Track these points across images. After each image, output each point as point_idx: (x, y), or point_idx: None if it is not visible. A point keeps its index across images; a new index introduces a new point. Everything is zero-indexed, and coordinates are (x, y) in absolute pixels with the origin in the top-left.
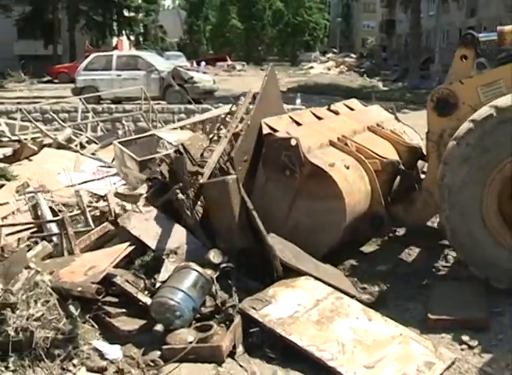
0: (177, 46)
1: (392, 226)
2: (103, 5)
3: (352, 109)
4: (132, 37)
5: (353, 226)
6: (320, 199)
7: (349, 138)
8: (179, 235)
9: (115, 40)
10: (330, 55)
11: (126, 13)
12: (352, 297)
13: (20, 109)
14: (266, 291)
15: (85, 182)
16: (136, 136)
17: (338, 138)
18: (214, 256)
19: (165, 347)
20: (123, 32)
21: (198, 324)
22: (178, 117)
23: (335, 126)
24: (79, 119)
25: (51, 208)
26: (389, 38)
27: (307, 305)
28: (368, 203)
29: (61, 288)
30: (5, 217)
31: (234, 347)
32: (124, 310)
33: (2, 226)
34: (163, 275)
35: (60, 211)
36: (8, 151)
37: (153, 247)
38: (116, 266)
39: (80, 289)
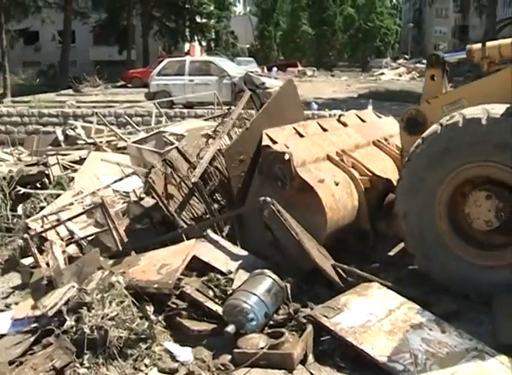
0: (248, 52)
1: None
2: (176, 11)
3: (363, 121)
4: (204, 43)
5: (336, 238)
6: (305, 211)
7: (347, 153)
8: (246, 258)
9: (187, 45)
10: (401, 60)
11: (198, 19)
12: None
13: (96, 113)
14: (338, 299)
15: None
16: (145, 135)
17: (336, 152)
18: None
19: (236, 351)
20: (195, 38)
21: (270, 330)
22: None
23: (337, 139)
24: (152, 123)
25: None
26: (462, 44)
27: (379, 315)
28: (354, 218)
29: (136, 287)
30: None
31: (305, 355)
32: (195, 311)
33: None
34: (236, 283)
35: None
36: (85, 153)
37: (224, 270)
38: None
39: (156, 286)
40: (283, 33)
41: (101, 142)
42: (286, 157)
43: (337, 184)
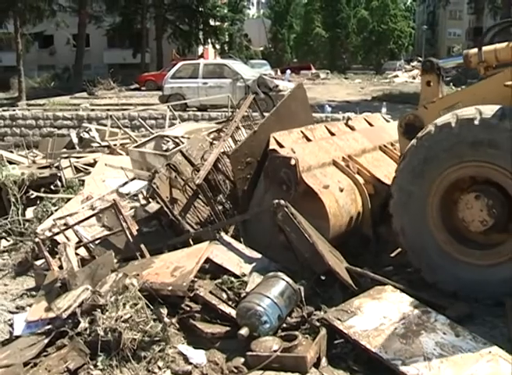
0: (261, 54)
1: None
2: (189, 14)
3: (371, 125)
4: (217, 46)
5: (339, 242)
6: (308, 216)
7: (353, 158)
8: (259, 261)
9: (200, 48)
10: (415, 63)
11: (211, 23)
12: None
13: (110, 116)
14: (351, 302)
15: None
16: (144, 140)
17: (342, 158)
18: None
19: (249, 353)
20: (209, 41)
21: (283, 333)
22: None
23: (344, 144)
24: (166, 126)
25: None
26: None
27: (393, 318)
28: (358, 224)
29: (150, 289)
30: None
31: (318, 358)
32: (208, 314)
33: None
34: (250, 286)
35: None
36: (99, 156)
37: (237, 272)
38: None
39: (170, 288)
40: (297, 36)
41: (115, 145)
42: (292, 162)
43: (342, 191)
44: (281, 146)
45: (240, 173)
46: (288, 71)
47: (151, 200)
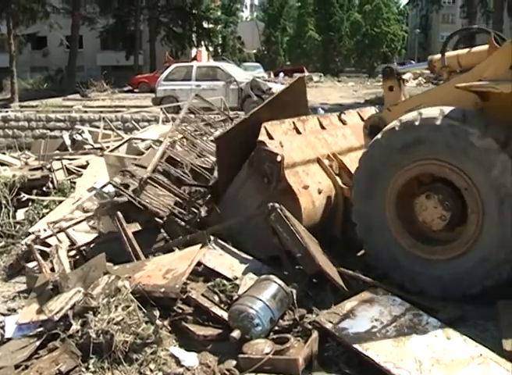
0: (255, 57)
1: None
2: (183, 17)
3: (363, 120)
4: (211, 48)
5: None
6: None
7: (337, 158)
8: (251, 264)
9: (194, 51)
10: None
11: (205, 25)
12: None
13: (103, 118)
14: (343, 305)
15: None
16: (117, 144)
17: (328, 156)
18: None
19: (241, 356)
20: (202, 43)
21: (275, 336)
22: None
23: (332, 140)
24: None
25: None
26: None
27: (385, 321)
28: (329, 225)
29: (142, 291)
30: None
31: (310, 361)
32: (200, 316)
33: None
34: (242, 288)
35: None
36: (91, 158)
37: (229, 276)
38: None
39: (163, 290)
40: (290, 39)
41: (107, 147)
42: (278, 159)
43: (320, 192)
44: (270, 137)
45: (222, 158)
46: (281, 74)
47: None
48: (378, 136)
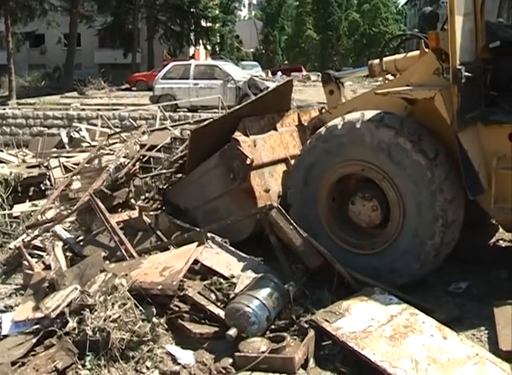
0: (253, 56)
1: None
2: (181, 15)
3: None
4: (208, 47)
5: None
6: (240, 209)
7: None
8: (248, 263)
9: (192, 49)
10: None
11: (203, 23)
12: None
13: (101, 116)
14: (340, 304)
15: None
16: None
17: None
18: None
19: (237, 354)
20: (200, 42)
21: (271, 335)
22: None
23: (306, 138)
24: (157, 127)
25: None
26: None
27: (381, 320)
28: None
29: (139, 288)
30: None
31: (306, 360)
32: (197, 314)
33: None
34: (239, 287)
35: None
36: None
37: (226, 274)
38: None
39: (160, 287)
40: (288, 38)
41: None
42: (248, 162)
43: (279, 197)
44: (246, 134)
45: (194, 145)
46: (279, 73)
47: None
48: (321, 131)
